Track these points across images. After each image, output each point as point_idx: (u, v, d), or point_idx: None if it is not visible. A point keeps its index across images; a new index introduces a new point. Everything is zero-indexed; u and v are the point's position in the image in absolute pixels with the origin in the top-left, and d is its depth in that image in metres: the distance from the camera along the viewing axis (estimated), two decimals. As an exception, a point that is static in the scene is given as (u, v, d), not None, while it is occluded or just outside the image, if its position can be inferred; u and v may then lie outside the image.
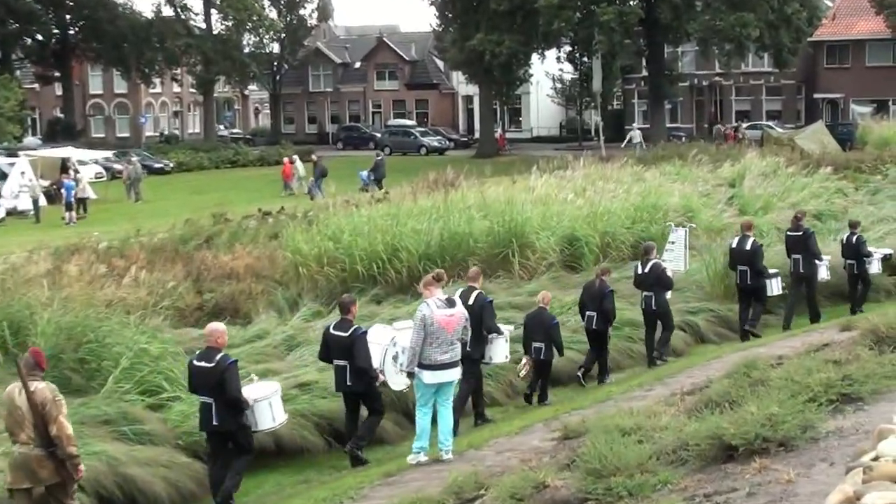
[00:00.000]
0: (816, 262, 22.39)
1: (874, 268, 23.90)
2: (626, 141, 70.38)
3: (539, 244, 26.22)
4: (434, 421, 13.92)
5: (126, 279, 22.63)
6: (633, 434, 9.68)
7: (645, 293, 19.92)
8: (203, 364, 13.01)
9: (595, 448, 8.90)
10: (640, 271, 20.17)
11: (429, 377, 13.67)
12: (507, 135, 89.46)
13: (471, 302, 16.17)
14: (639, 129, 73.04)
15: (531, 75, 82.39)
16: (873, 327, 11.70)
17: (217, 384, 12.83)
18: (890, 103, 79.85)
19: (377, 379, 14.72)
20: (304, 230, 27.29)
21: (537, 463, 10.53)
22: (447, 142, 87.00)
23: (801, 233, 22.42)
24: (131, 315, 18.77)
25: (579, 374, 19.05)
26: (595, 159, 41.81)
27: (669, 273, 20.35)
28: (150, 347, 16.66)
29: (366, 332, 14.86)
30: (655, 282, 19.75)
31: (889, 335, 11.34)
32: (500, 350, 16.89)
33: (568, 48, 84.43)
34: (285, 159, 58.25)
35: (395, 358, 15.01)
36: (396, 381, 15.09)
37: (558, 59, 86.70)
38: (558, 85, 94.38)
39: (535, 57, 79.25)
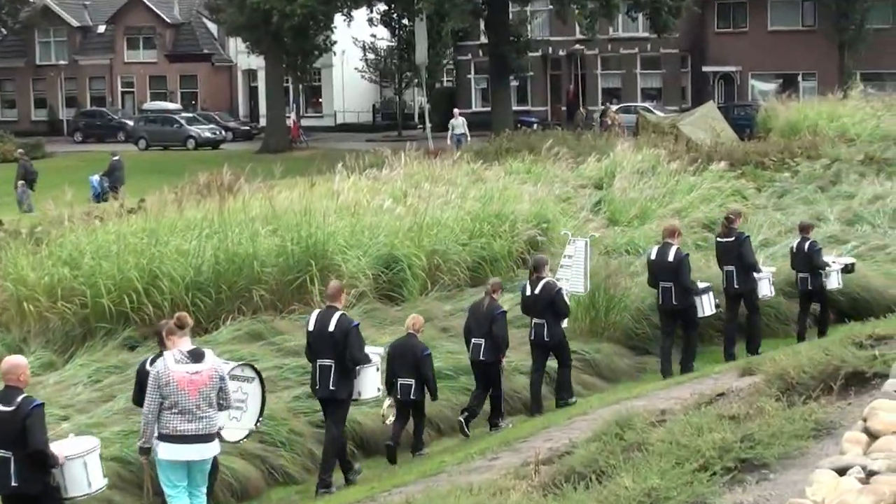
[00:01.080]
0: (755, 274, 22.87)
1: (832, 282, 24.15)
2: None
3: (347, 267, 26.21)
4: None
5: None
6: (473, 519, 9.74)
7: (535, 320, 20.18)
8: (0, 408, 12.90)
9: (423, 540, 8.93)
10: (528, 293, 20.43)
11: (165, 451, 13.82)
12: (304, 122, 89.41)
13: (332, 328, 16.74)
14: (461, 115, 72.65)
15: (334, 43, 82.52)
16: (780, 371, 11.89)
17: (19, 433, 12.80)
18: (799, 78, 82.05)
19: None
20: (29, 253, 26.80)
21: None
22: (223, 132, 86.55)
23: (732, 239, 22.91)
24: None
25: (461, 418, 19.29)
26: (420, 153, 41.93)
27: (566, 295, 20.64)
28: None
29: None
30: (548, 306, 20.01)
31: (801, 381, 11.53)
32: (369, 382, 17.29)
33: (383, 7, 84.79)
34: None
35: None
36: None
37: (370, 21, 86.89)
38: (370, 56, 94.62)
39: (339, 19, 79.29)
